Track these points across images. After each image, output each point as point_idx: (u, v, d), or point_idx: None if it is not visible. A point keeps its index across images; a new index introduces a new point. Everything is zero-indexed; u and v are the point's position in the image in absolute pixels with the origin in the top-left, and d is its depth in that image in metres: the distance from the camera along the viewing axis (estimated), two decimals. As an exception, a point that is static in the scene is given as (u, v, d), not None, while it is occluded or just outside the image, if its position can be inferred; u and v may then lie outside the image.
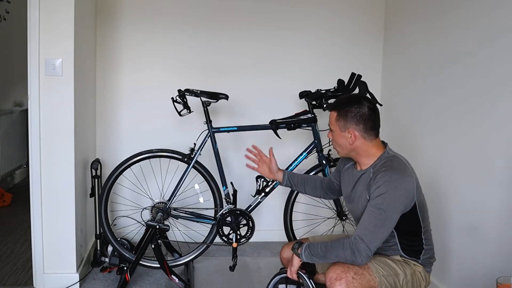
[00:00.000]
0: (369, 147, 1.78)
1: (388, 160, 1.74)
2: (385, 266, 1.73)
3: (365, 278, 1.65)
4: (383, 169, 1.69)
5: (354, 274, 1.63)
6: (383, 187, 1.65)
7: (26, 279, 2.54)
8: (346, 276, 1.62)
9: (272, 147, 2.23)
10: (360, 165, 1.84)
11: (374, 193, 1.67)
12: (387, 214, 1.64)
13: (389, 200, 1.64)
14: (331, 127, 1.84)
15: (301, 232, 2.89)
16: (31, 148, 2.35)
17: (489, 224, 2.02)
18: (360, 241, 1.63)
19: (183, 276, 2.60)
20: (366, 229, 1.64)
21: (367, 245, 1.62)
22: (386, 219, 1.64)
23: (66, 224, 2.42)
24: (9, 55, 4.35)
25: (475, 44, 2.14)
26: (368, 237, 1.63)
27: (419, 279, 1.78)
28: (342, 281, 1.62)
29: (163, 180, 2.95)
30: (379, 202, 1.64)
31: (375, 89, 3.06)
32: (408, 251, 1.79)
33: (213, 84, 2.87)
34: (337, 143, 1.84)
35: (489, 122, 2.03)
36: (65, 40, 2.30)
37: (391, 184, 1.65)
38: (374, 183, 1.69)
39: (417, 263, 1.79)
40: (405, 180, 1.68)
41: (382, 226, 1.64)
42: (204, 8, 3.07)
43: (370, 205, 1.67)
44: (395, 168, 1.70)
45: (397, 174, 1.68)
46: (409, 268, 1.77)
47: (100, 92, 3.03)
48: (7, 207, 3.83)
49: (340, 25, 3.18)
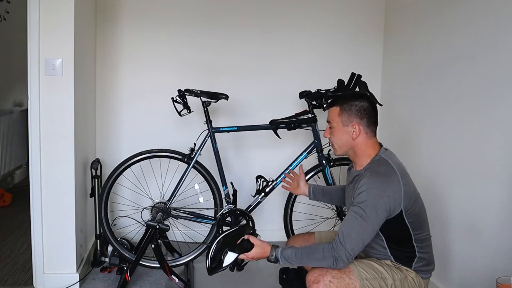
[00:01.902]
0: (367, 145, 1.77)
1: (376, 165, 1.71)
2: (370, 269, 1.69)
3: (344, 282, 1.62)
4: (368, 174, 1.67)
5: (331, 278, 1.61)
6: (365, 194, 1.62)
7: (26, 279, 2.54)
8: (323, 280, 1.61)
9: (302, 164, 2.31)
10: (356, 166, 1.83)
11: (356, 198, 1.65)
12: (369, 221, 1.61)
13: (370, 208, 1.61)
14: (331, 124, 1.82)
15: (301, 232, 2.89)
16: (31, 148, 2.35)
17: (489, 224, 2.02)
18: (341, 247, 1.61)
19: (183, 276, 2.60)
20: (348, 236, 1.62)
21: (348, 251, 1.61)
22: (368, 226, 1.62)
23: (66, 224, 2.42)
24: (9, 55, 4.35)
25: (475, 44, 2.14)
26: (350, 244, 1.61)
27: (411, 285, 1.71)
28: (319, 284, 1.60)
29: (163, 180, 2.94)
30: (361, 208, 1.62)
31: (375, 89, 3.07)
32: (398, 257, 1.74)
33: (213, 84, 2.87)
34: (338, 139, 1.80)
35: (489, 122, 2.03)
36: (65, 40, 2.30)
37: (372, 191, 1.61)
38: (358, 187, 1.66)
39: (410, 269, 1.73)
40: (389, 187, 1.63)
41: (363, 233, 1.62)
42: (204, 8, 3.07)
43: (353, 210, 1.65)
44: (380, 174, 1.66)
45: (380, 181, 1.64)
46: (399, 273, 1.71)
47: (100, 92, 3.03)
48: (7, 207, 3.83)
49: (340, 25, 3.18)
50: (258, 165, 3.09)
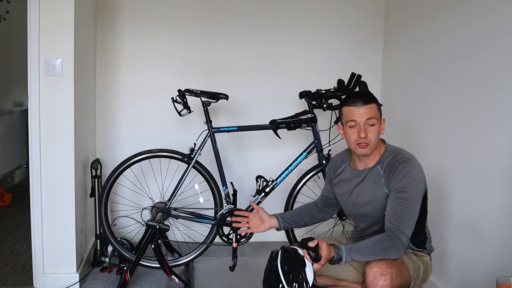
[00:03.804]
0: (380, 142, 1.85)
1: (397, 153, 1.79)
2: (411, 259, 1.78)
3: (404, 274, 1.68)
4: (401, 160, 1.74)
5: (397, 270, 1.66)
6: (406, 178, 1.70)
7: (26, 279, 2.54)
8: (391, 272, 1.63)
9: (252, 200, 2.07)
10: (365, 163, 1.84)
11: (397, 186, 1.71)
12: (415, 203, 1.72)
13: (414, 189, 1.71)
14: (372, 121, 1.76)
15: (301, 232, 2.89)
16: (31, 148, 2.35)
17: (489, 224, 2.02)
18: (401, 233, 1.67)
19: (183, 276, 2.60)
20: (402, 221, 1.68)
21: (407, 236, 1.68)
22: (415, 207, 1.72)
23: (66, 224, 2.42)
24: (9, 55, 4.35)
25: (475, 44, 2.14)
26: (406, 228, 1.68)
27: (428, 268, 1.85)
28: (387, 277, 1.62)
29: (163, 180, 2.94)
30: (406, 192, 1.69)
31: (375, 89, 3.07)
32: (416, 242, 1.83)
33: (213, 84, 2.87)
34: (377, 136, 1.78)
35: (489, 122, 2.03)
36: (65, 40, 2.30)
37: (412, 174, 1.71)
38: (394, 176, 1.73)
39: (424, 253, 1.85)
40: (420, 168, 1.76)
41: (413, 215, 1.72)
42: (204, 8, 3.07)
43: (398, 197, 1.71)
44: (410, 158, 1.76)
45: (413, 163, 1.75)
46: (421, 260, 1.82)
47: (100, 92, 3.03)
48: (7, 207, 3.83)
49: (340, 25, 3.18)
50: (258, 165, 3.09)
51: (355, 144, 1.78)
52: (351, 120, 1.77)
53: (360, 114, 1.75)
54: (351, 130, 1.78)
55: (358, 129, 1.76)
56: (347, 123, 1.79)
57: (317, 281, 1.87)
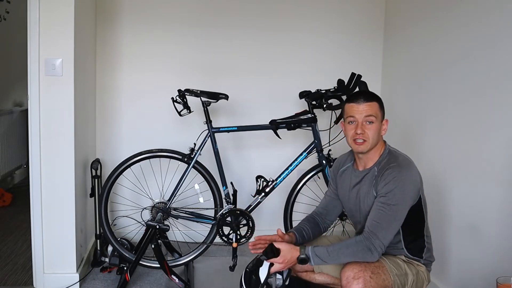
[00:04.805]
0: (381, 142, 1.82)
1: (392, 157, 1.76)
2: (397, 265, 1.73)
3: (381, 278, 1.65)
4: (391, 165, 1.71)
5: (371, 274, 1.63)
6: (392, 183, 1.67)
7: (26, 279, 2.54)
8: (364, 275, 1.61)
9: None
10: (365, 164, 1.83)
11: (382, 190, 1.69)
12: (397, 209, 1.67)
13: (399, 195, 1.66)
14: (372, 118, 1.75)
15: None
16: (31, 148, 2.35)
17: (489, 224, 2.02)
18: (374, 237, 1.64)
19: (183, 276, 2.60)
20: (378, 225, 1.66)
21: (381, 240, 1.64)
22: (397, 213, 1.67)
23: (66, 224, 2.42)
24: (9, 55, 4.35)
25: (475, 44, 2.14)
26: (381, 232, 1.65)
27: (422, 278, 1.79)
28: (360, 280, 1.60)
29: (163, 180, 2.94)
30: (389, 198, 1.66)
31: (375, 89, 3.06)
32: (411, 249, 1.79)
33: (213, 84, 2.87)
34: (375, 135, 1.76)
35: (489, 122, 2.03)
36: (65, 40, 2.30)
37: (398, 179, 1.67)
38: (381, 180, 1.70)
39: (420, 263, 1.80)
40: (412, 174, 1.72)
41: (394, 221, 1.67)
42: (204, 8, 3.06)
43: (380, 201, 1.68)
44: (401, 164, 1.72)
45: (404, 170, 1.70)
46: (414, 268, 1.77)
47: (100, 92, 3.03)
48: (7, 207, 3.83)
49: (340, 25, 3.18)
50: (258, 165, 3.09)
51: (352, 139, 1.78)
52: (350, 116, 1.78)
53: (359, 111, 1.76)
54: (349, 126, 1.79)
55: (355, 125, 1.77)
56: (347, 118, 1.80)
57: (298, 273, 1.90)
